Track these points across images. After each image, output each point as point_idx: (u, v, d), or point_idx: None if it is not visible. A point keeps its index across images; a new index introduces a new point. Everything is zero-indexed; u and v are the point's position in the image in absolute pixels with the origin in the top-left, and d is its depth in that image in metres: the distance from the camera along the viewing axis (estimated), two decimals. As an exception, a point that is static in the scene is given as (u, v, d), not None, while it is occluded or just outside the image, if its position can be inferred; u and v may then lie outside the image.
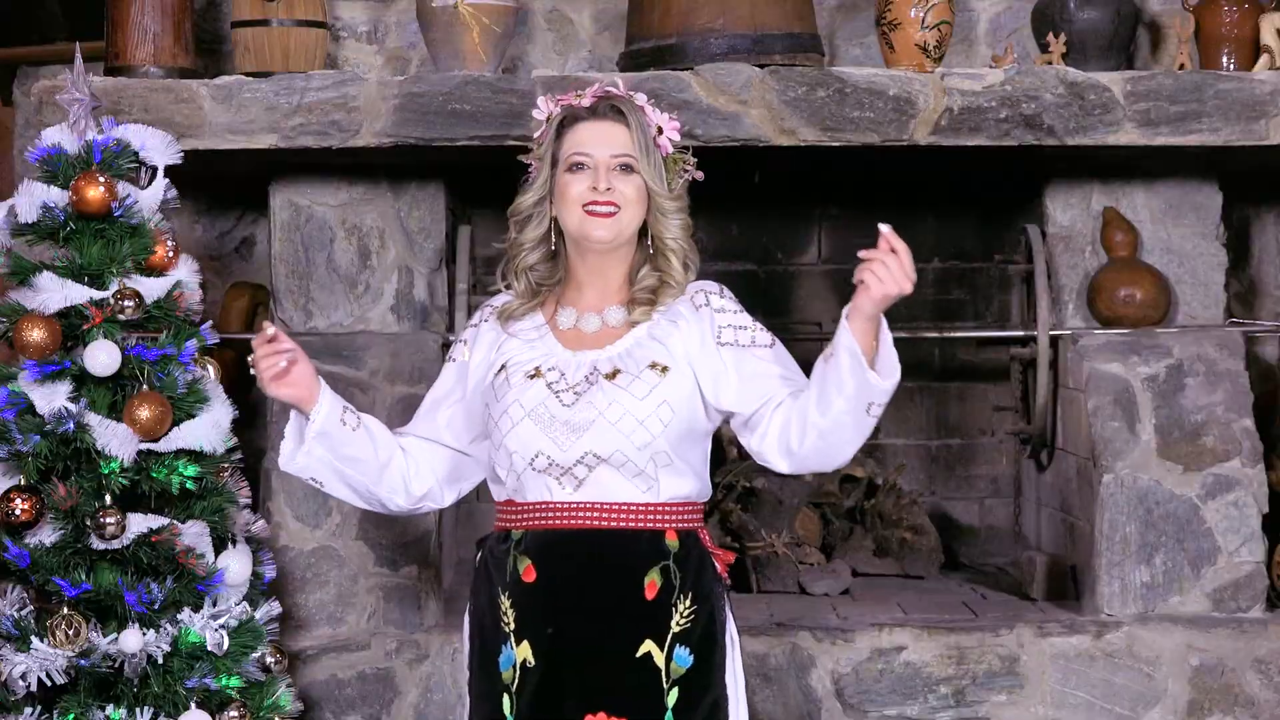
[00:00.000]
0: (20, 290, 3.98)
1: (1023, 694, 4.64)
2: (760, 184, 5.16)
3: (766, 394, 3.18)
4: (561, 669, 3.12)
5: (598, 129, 3.22)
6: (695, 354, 3.20)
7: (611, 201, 3.18)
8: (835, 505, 5.41)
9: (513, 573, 3.17)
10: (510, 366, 3.20)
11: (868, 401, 3.08)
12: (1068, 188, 5.05)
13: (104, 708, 3.90)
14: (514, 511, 3.20)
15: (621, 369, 3.16)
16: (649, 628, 3.14)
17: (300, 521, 4.63)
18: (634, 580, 3.15)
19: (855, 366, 3.05)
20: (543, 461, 3.13)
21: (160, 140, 4.11)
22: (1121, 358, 4.83)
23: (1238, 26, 4.87)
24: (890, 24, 4.68)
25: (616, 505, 3.14)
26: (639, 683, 3.12)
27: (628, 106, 3.24)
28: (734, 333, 3.23)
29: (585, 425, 3.12)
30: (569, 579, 3.14)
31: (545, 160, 3.24)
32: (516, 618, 3.15)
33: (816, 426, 3.11)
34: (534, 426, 3.13)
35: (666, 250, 3.26)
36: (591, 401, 3.13)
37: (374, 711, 4.56)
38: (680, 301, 3.27)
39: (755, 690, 4.58)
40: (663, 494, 3.16)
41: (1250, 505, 4.75)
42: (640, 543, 3.16)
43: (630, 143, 3.21)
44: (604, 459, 3.12)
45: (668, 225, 3.25)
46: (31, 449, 3.87)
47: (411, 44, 5.17)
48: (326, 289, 4.85)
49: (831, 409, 3.08)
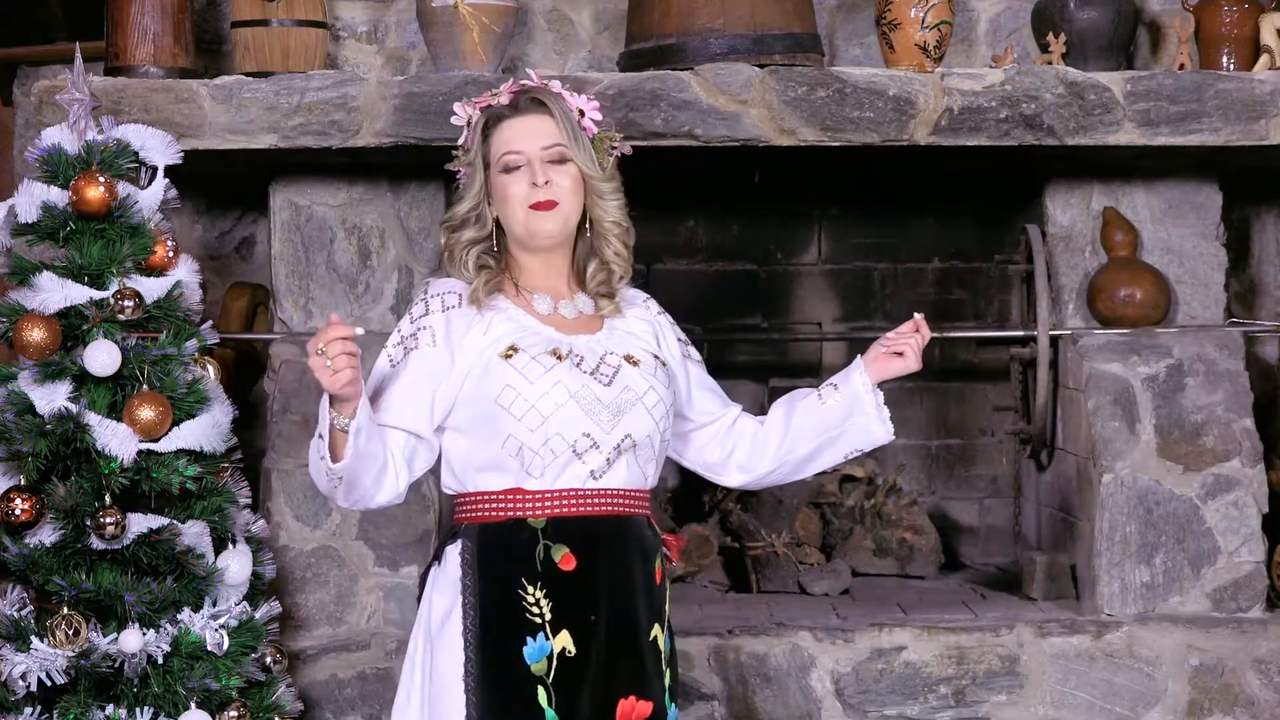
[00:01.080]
0: (20, 290, 3.98)
1: (1023, 694, 4.64)
2: (760, 184, 5.16)
3: (717, 411, 3.39)
4: (601, 656, 3.13)
5: (523, 124, 3.20)
6: (669, 354, 3.31)
7: (550, 198, 3.16)
8: (835, 505, 5.41)
9: (545, 561, 3.12)
10: (525, 347, 3.14)
11: (856, 447, 3.37)
12: (1068, 188, 5.05)
13: (104, 708, 3.90)
14: (527, 499, 3.13)
15: (637, 357, 3.20)
16: (657, 612, 3.22)
17: (300, 521, 4.63)
18: (650, 566, 3.21)
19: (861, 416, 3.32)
20: (585, 443, 3.12)
21: (160, 140, 4.12)
22: (1121, 358, 4.83)
23: (1238, 26, 4.87)
24: (890, 24, 4.68)
25: (631, 491, 3.18)
26: (655, 666, 3.20)
27: (547, 96, 3.22)
28: (685, 347, 3.38)
29: (626, 407, 3.14)
30: (605, 566, 3.15)
31: (476, 164, 3.23)
32: (553, 607, 3.11)
33: (793, 456, 3.36)
34: (578, 408, 3.11)
35: (607, 233, 3.24)
36: (628, 385, 3.15)
37: (374, 711, 4.56)
38: (634, 304, 3.32)
39: (755, 690, 4.59)
40: (651, 482, 3.23)
41: (1250, 505, 4.75)
42: (647, 529, 3.22)
43: (558, 131, 3.20)
44: (638, 443, 3.16)
45: (606, 207, 3.24)
46: (31, 449, 3.87)
47: (411, 44, 5.17)
48: (326, 289, 4.84)
49: (813, 444, 3.35)
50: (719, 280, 5.59)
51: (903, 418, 5.59)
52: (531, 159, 3.18)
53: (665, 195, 4.81)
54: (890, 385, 3.39)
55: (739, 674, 4.59)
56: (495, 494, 3.15)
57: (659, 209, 5.20)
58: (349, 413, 3.00)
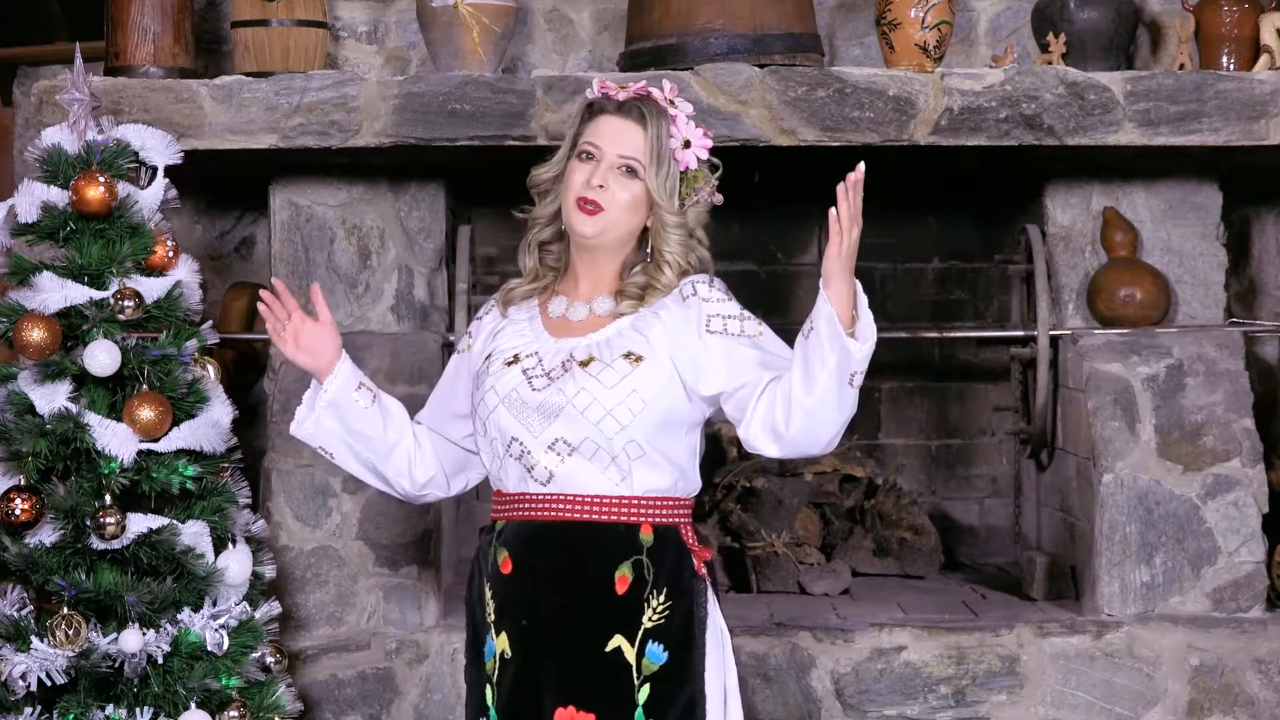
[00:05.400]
0: (20, 290, 3.98)
1: (1023, 694, 4.64)
2: (760, 184, 5.16)
3: (750, 380, 3.16)
4: (536, 661, 3.15)
5: (616, 125, 3.21)
6: (677, 344, 3.18)
7: (596, 201, 3.18)
8: (835, 505, 5.41)
9: (493, 564, 3.21)
10: (495, 355, 3.25)
11: (849, 372, 3.06)
12: (1068, 188, 5.05)
13: (104, 708, 3.90)
14: (499, 502, 3.25)
15: (596, 357, 3.16)
16: (620, 622, 3.13)
17: (300, 521, 4.63)
18: (605, 574, 3.14)
19: (834, 335, 3.03)
20: (517, 448, 3.16)
21: (160, 140, 4.12)
22: (1121, 358, 4.83)
23: (1238, 26, 4.87)
24: (890, 24, 4.68)
25: (589, 497, 3.15)
26: (608, 678, 3.12)
27: (651, 110, 3.21)
28: (722, 322, 3.19)
29: (555, 411, 3.14)
30: (542, 571, 3.16)
31: (568, 141, 3.26)
32: (496, 608, 3.20)
33: (802, 405, 3.09)
34: (507, 412, 3.17)
35: (662, 261, 3.23)
36: (561, 388, 3.15)
37: (374, 711, 4.56)
38: (669, 295, 3.25)
39: (755, 690, 4.58)
40: (636, 487, 3.15)
41: (1250, 505, 4.75)
42: (612, 536, 3.15)
43: (643, 147, 3.20)
44: (575, 447, 3.13)
45: (667, 238, 3.23)
46: (31, 449, 3.87)
47: (411, 44, 5.17)
48: (326, 289, 4.84)
49: (816, 385, 3.06)
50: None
51: (903, 418, 5.61)
52: (604, 159, 3.20)
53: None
54: (890, 385, 3.37)
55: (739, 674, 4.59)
56: (495, 495, 3.29)
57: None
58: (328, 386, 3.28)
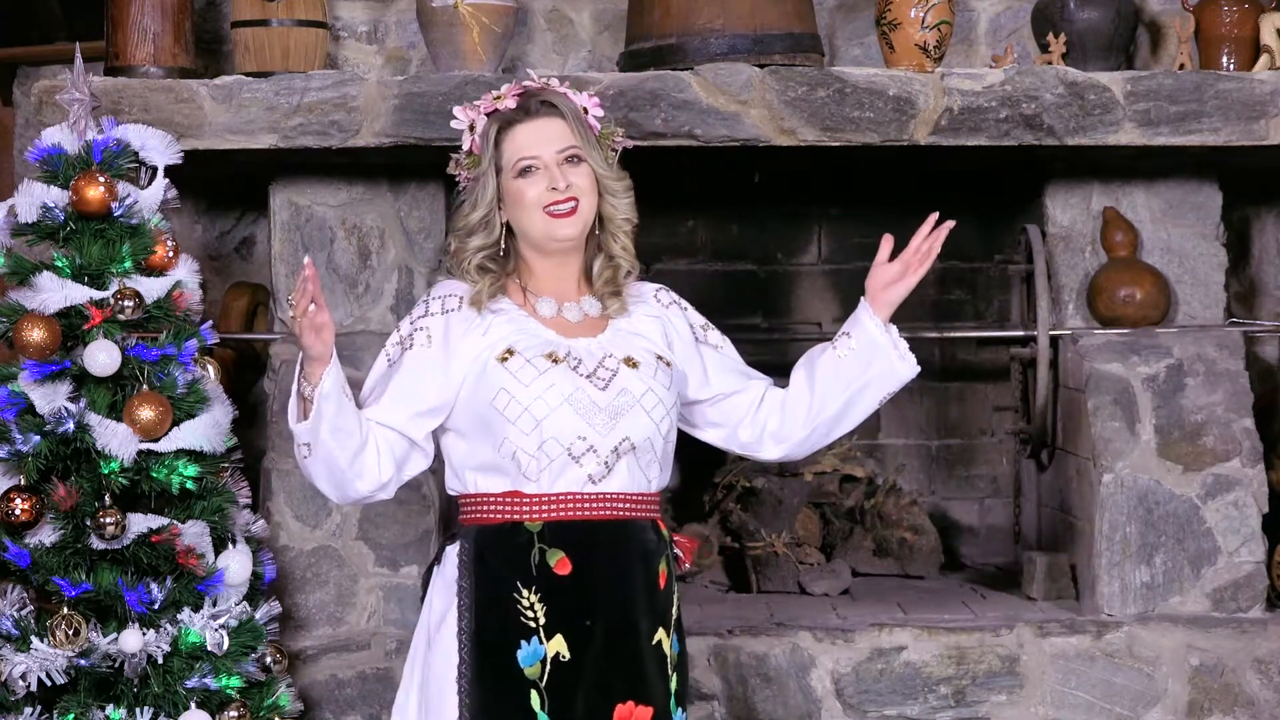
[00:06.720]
0: (20, 290, 3.98)
1: (1023, 694, 4.64)
2: (760, 184, 5.16)
3: (733, 388, 3.33)
4: (597, 660, 3.13)
5: (536, 127, 3.19)
6: (677, 351, 3.27)
7: (571, 197, 3.16)
8: (835, 505, 5.41)
9: (540, 565, 3.13)
10: (521, 350, 3.15)
11: (886, 391, 3.28)
12: (1068, 188, 5.05)
13: (104, 708, 3.90)
14: (524, 503, 3.13)
15: (636, 358, 3.18)
16: (661, 616, 3.20)
17: (300, 521, 4.63)
18: (653, 570, 3.20)
19: (881, 359, 3.25)
20: (581, 446, 3.12)
21: (160, 140, 4.12)
22: (1121, 358, 4.83)
23: (1238, 26, 4.87)
24: (890, 24, 4.68)
25: (634, 495, 3.17)
26: (655, 670, 3.18)
27: (557, 98, 3.21)
28: (704, 332, 3.35)
29: (622, 410, 3.13)
30: (603, 571, 3.15)
31: (488, 170, 3.20)
32: (547, 611, 3.12)
33: (825, 416, 3.29)
34: (572, 411, 3.11)
35: (617, 230, 3.24)
36: (625, 388, 3.14)
37: (374, 711, 4.56)
38: (642, 300, 3.29)
39: (755, 690, 4.59)
40: (656, 485, 3.21)
41: (1250, 505, 4.75)
42: (649, 533, 3.20)
43: (570, 133, 3.19)
44: (636, 446, 3.14)
45: (617, 204, 3.24)
46: (31, 449, 3.87)
47: (411, 44, 5.17)
48: (327, 289, 4.84)
49: (842, 400, 3.27)
50: (719, 280, 5.59)
51: (903, 418, 5.62)
52: (548, 163, 3.17)
53: (665, 195, 4.81)
54: (890, 385, 3.37)
55: (739, 674, 4.59)
56: (494, 496, 3.16)
57: (659, 209, 5.19)
58: (315, 379, 3.06)
